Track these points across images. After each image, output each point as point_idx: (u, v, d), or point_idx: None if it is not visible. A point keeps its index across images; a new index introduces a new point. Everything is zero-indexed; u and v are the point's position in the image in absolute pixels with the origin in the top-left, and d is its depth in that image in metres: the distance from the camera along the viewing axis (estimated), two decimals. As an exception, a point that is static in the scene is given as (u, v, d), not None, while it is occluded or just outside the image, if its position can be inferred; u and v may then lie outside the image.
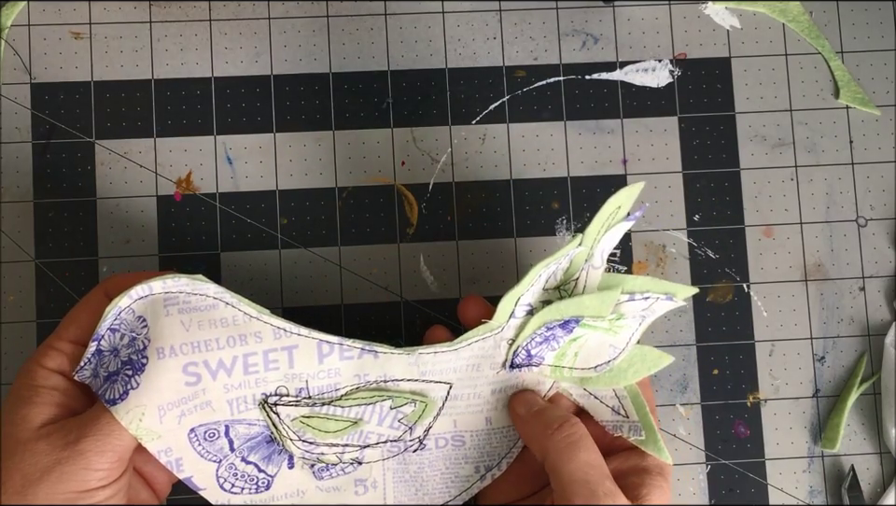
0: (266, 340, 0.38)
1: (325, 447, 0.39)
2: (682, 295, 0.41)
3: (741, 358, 0.47)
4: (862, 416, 0.47)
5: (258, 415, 0.38)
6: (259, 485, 0.39)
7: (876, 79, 0.49)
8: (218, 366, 0.37)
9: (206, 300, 0.38)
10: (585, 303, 0.39)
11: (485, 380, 0.40)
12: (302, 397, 0.38)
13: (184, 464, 0.38)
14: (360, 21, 0.48)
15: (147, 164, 0.46)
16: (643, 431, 0.40)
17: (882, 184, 0.48)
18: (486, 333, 0.39)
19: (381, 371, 0.39)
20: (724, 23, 0.49)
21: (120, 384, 0.37)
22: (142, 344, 0.37)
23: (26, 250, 0.45)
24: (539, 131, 0.48)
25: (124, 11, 0.47)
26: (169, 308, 0.37)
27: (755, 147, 0.48)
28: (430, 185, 0.47)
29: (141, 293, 0.37)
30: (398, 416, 0.39)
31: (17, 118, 0.46)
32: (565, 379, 0.41)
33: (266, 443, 0.39)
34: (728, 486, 0.46)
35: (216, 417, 0.38)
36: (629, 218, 0.40)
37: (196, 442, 0.38)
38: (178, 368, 0.37)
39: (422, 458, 0.41)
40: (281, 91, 0.47)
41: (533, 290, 0.39)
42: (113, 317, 0.37)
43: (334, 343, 0.38)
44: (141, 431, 0.37)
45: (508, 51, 0.48)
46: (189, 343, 0.37)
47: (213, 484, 0.39)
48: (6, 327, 0.45)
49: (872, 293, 0.48)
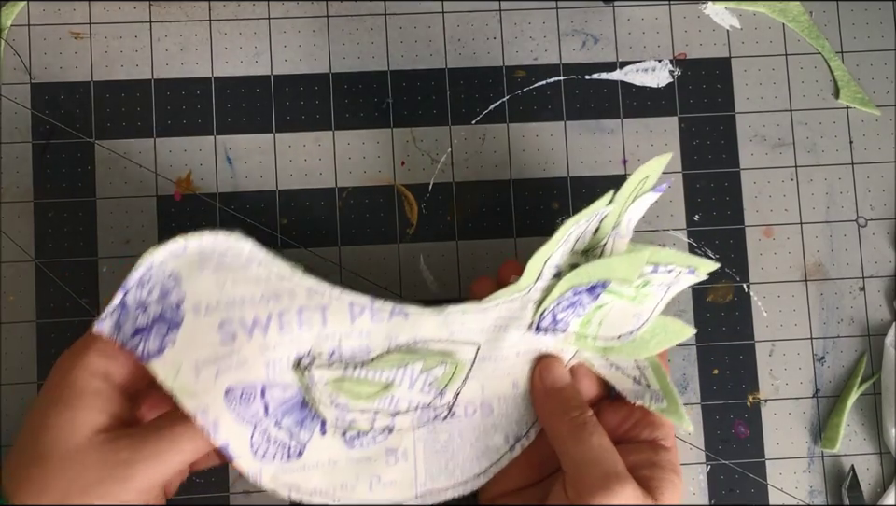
0: (299, 298, 0.38)
1: (357, 413, 0.39)
2: (704, 270, 0.42)
3: (741, 358, 0.47)
4: (862, 416, 0.47)
5: (292, 379, 0.38)
6: (290, 452, 0.39)
7: (876, 79, 0.49)
8: (254, 324, 0.37)
9: (240, 259, 0.38)
10: (613, 266, 0.39)
11: (511, 342, 0.40)
12: (335, 359, 0.39)
13: (221, 427, 0.37)
14: (360, 20, 0.48)
15: (147, 164, 0.46)
16: (664, 400, 0.40)
17: (882, 184, 0.48)
18: (514, 294, 0.40)
19: (411, 332, 0.39)
20: (724, 23, 0.49)
21: (155, 339, 0.37)
22: (175, 302, 0.37)
23: (26, 250, 0.45)
24: (538, 131, 0.48)
25: (124, 11, 0.47)
26: (204, 266, 0.38)
27: (755, 147, 0.48)
28: (430, 185, 0.47)
29: (175, 249, 0.38)
30: (428, 379, 0.40)
31: (17, 118, 0.46)
32: (588, 348, 0.41)
33: (300, 407, 0.39)
34: (728, 486, 0.46)
35: (252, 378, 0.38)
36: (656, 190, 0.41)
37: (233, 404, 0.37)
38: (214, 325, 0.37)
39: (451, 427, 0.41)
40: (281, 91, 0.47)
41: (561, 251, 0.40)
42: (144, 270, 0.37)
43: (365, 304, 0.39)
44: (177, 387, 0.37)
45: (508, 51, 0.48)
46: (224, 300, 0.37)
47: (247, 451, 0.38)
48: (6, 327, 0.45)
49: (872, 293, 0.48)
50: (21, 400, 0.45)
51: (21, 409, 0.45)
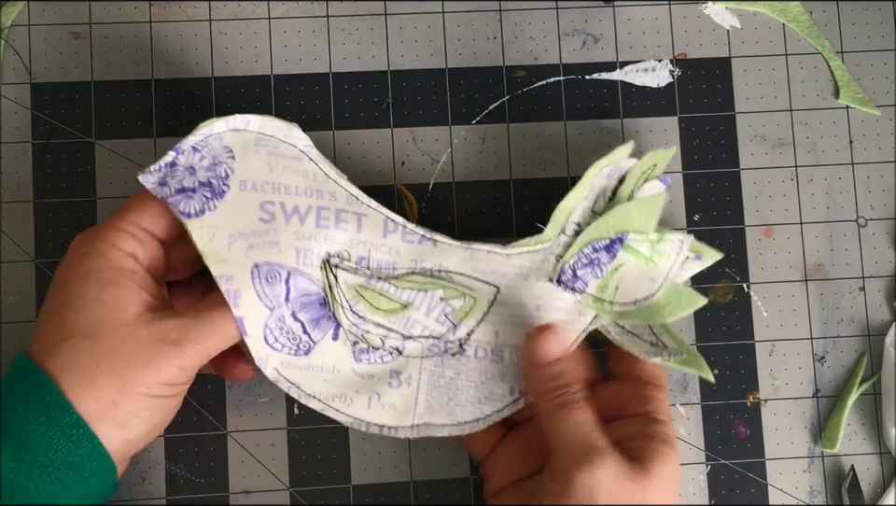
0: (339, 200, 0.40)
1: (371, 326, 0.40)
2: (709, 257, 0.43)
3: (741, 358, 0.47)
4: (862, 416, 0.47)
5: (318, 275, 0.40)
6: (299, 347, 0.40)
7: (876, 79, 0.49)
8: (293, 211, 0.39)
9: (294, 150, 0.40)
10: (632, 213, 0.41)
11: (531, 292, 0.41)
12: (362, 266, 0.40)
13: (241, 299, 0.39)
14: (360, 20, 0.48)
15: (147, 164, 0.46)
16: (683, 353, 0.40)
17: (882, 184, 0.48)
18: (537, 246, 0.41)
19: (437, 259, 0.41)
20: (724, 23, 0.49)
21: (198, 201, 0.39)
22: (224, 172, 0.39)
23: (26, 250, 0.45)
24: (538, 131, 0.48)
25: (124, 11, 0.47)
26: (259, 147, 0.40)
27: (755, 147, 0.48)
28: (430, 185, 0.47)
29: (238, 125, 0.40)
30: (445, 309, 0.41)
31: (17, 118, 0.46)
32: (605, 313, 0.42)
33: (319, 305, 0.40)
34: (728, 486, 0.46)
35: (281, 259, 0.39)
36: (662, 180, 0.43)
37: (257, 280, 0.39)
38: (256, 202, 0.39)
39: (459, 365, 0.41)
40: (281, 91, 0.47)
41: (582, 208, 0.42)
42: (201, 137, 0.39)
43: (399, 223, 0.40)
44: (209, 250, 0.39)
45: (508, 51, 0.48)
46: (270, 182, 0.39)
47: (258, 332, 0.39)
48: (6, 327, 0.45)
49: (872, 293, 0.48)
50: (21, 400, 0.45)
51: (21, 409, 0.45)
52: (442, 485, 0.45)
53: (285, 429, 0.45)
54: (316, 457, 0.45)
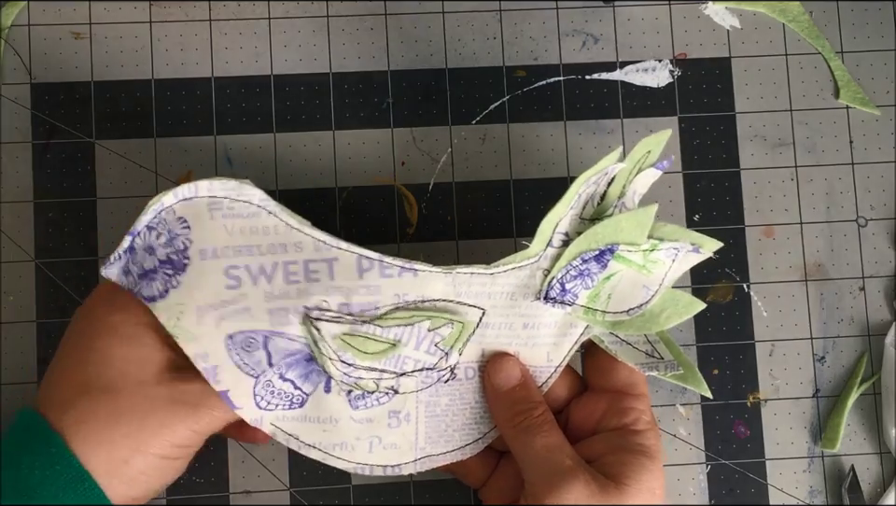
0: (306, 250, 0.38)
1: (363, 371, 0.39)
2: (708, 247, 0.42)
3: (741, 358, 0.47)
4: (862, 416, 0.47)
5: (299, 332, 0.38)
6: (293, 402, 0.39)
7: (876, 79, 0.49)
8: (259, 272, 0.38)
9: (250, 207, 0.38)
10: (621, 225, 0.39)
11: (518, 312, 0.40)
12: (344, 312, 0.38)
13: (220, 374, 0.37)
14: (360, 20, 0.48)
15: (147, 164, 0.46)
16: (680, 367, 0.39)
17: (882, 184, 0.48)
18: (523, 261, 0.39)
19: (419, 290, 0.39)
20: (724, 23, 0.49)
21: (160, 282, 0.37)
22: (182, 245, 0.38)
23: (26, 250, 0.45)
24: (539, 131, 0.48)
25: (124, 11, 0.47)
26: (213, 212, 0.38)
27: (755, 147, 0.48)
28: (430, 185, 0.47)
29: (186, 193, 0.38)
30: (434, 340, 0.39)
31: (17, 118, 0.46)
32: (597, 323, 0.40)
33: (305, 362, 0.39)
34: (728, 486, 0.46)
35: (255, 326, 0.38)
36: (658, 166, 0.41)
37: (234, 352, 0.37)
38: (220, 270, 0.37)
39: (452, 390, 0.40)
40: (281, 91, 0.47)
41: (570, 217, 0.40)
42: (153, 214, 0.38)
43: (374, 258, 0.38)
44: (178, 330, 0.37)
45: (508, 51, 0.48)
46: (231, 246, 0.38)
47: (250, 403, 0.38)
48: (6, 327, 0.45)
49: (872, 293, 0.48)
50: (21, 401, 0.45)
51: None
52: (442, 485, 0.45)
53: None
54: (316, 457, 0.45)
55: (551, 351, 0.41)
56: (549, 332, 0.41)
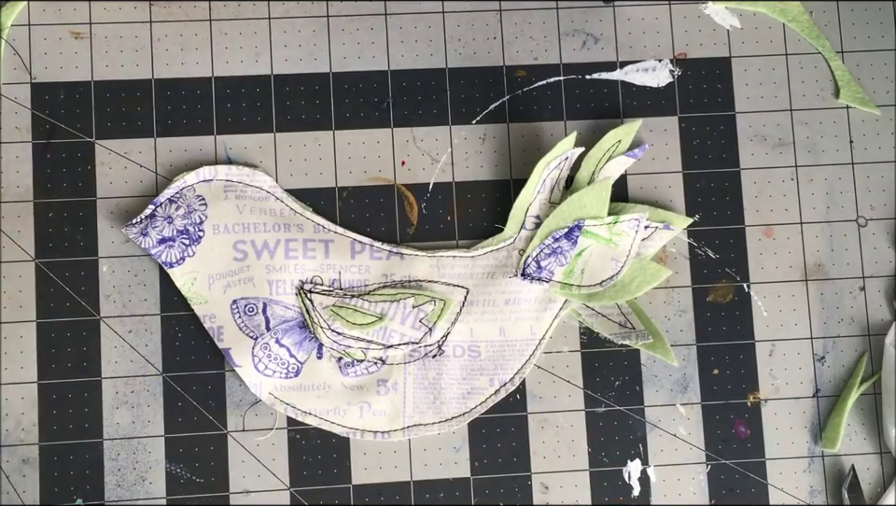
0: (306, 231, 0.45)
1: (352, 340, 0.44)
2: (679, 224, 0.46)
3: (741, 358, 0.47)
4: (862, 416, 0.47)
5: (293, 301, 0.44)
6: (289, 370, 0.44)
7: (876, 79, 0.49)
8: (263, 246, 0.44)
9: (260, 192, 0.45)
10: (584, 200, 0.44)
11: (499, 288, 0.45)
12: (335, 287, 0.44)
13: (224, 334, 0.44)
14: (360, 20, 0.48)
15: (147, 164, 0.46)
16: (650, 337, 0.44)
17: (882, 184, 0.48)
18: (500, 244, 0.45)
19: (406, 271, 0.45)
20: (724, 23, 0.49)
21: (178, 249, 0.44)
22: (199, 219, 0.44)
23: (26, 250, 0.45)
24: (539, 131, 0.48)
25: (124, 11, 0.47)
26: (228, 193, 0.44)
27: (755, 147, 0.48)
28: (430, 185, 0.47)
29: (207, 175, 0.45)
30: (419, 316, 0.44)
31: (17, 118, 0.46)
32: (574, 297, 0.45)
33: (299, 329, 0.44)
34: (728, 486, 0.46)
35: (256, 293, 0.44)
36: (630, 154, 0.46)
37: (237, 315, 0.44)
38: (230, 243, 0.44)
39: (440, 365, 0.45)
40: (281, 91, 0.47)
41: (539, 200, 0.45)
42: (176, 189, 0.44)
43: (366, 243, 0.45)
44: (192, 294, 0.44)
45: (508, 51, 0.48)
46: (241, 223, 0.44)
47: (248, 361, 0.44)
48: (6, 327, 0.45)
49: (872, 293, 0.48)
50: (21, 400, 0.45)
51: (21, 408, 0.45)
52: (442, 485, 0.45)
53: (285, 429, 0.45)
54: (316, 457, 0.45)
55: (533, 324, 0.45)
56: (530, 307, 0.45)
